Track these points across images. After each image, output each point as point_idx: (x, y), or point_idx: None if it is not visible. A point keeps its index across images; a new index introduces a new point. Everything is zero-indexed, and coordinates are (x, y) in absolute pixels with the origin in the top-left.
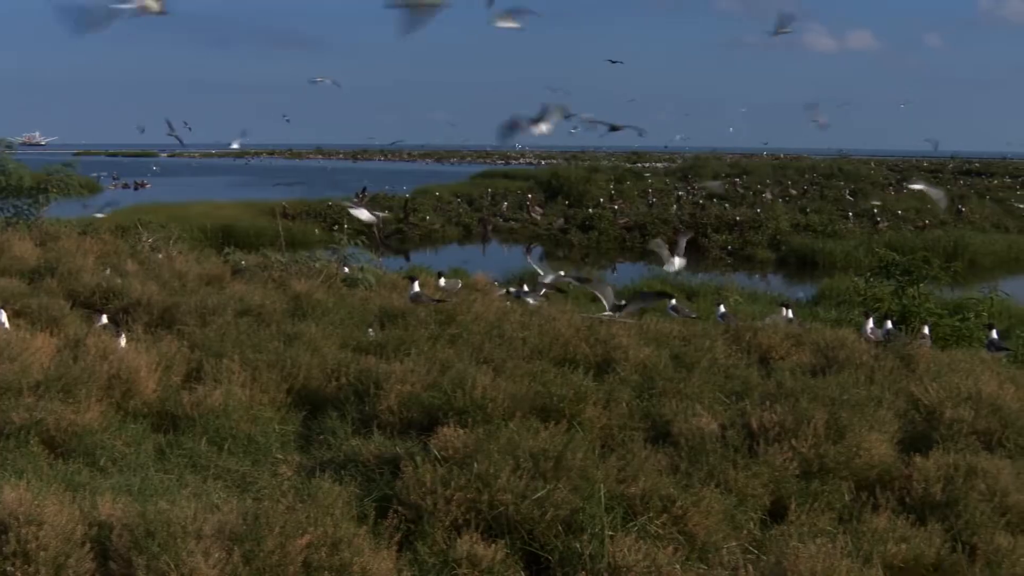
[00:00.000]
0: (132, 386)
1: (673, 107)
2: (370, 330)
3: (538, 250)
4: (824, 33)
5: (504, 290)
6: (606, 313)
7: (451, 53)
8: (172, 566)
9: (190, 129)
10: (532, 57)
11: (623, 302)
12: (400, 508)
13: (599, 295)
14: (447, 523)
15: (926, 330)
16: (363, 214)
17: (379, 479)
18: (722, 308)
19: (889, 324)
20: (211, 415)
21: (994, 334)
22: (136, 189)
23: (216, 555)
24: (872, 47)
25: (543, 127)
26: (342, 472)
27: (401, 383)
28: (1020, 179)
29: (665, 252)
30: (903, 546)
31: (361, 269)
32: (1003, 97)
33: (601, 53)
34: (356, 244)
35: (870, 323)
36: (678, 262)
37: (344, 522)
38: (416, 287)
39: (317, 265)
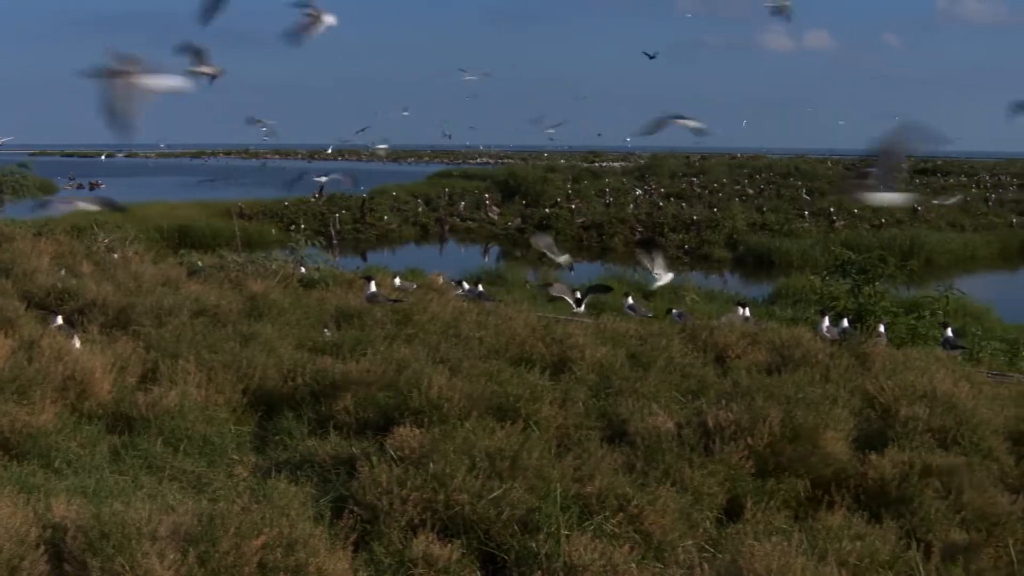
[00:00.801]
0: (87, 387)
1: (630, 106)
2: (326, 330)
3: (495, 250)
4: (782, 33)
5: (456, 284)
6: (577, 311)
7: (406, 52)
8: (127, 568)
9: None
10: (490, 55)
11: (578, 294)
12: (356, 508)
13: (564, 296)
14: (403, 523)
15: (882, 328)
16: (322, 179)
17: (335, 479)
18: (675, 310)
19: (845, 323)
20: (166, 416)
21: (949, 332)
22: (91, 189)
23: (171, 556)
24: (830, 47)
25: (328, 20)
26: (298, 472)
27: (357, 383)
28: (975, 178)
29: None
30: (858, 544)
31: (317, 269)
32: (958, 96)
33: (562, 53)
34: (313, 244)
35: (826, 321)
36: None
37: (300, 522)
38: (372, 287)
39: (273, 265)
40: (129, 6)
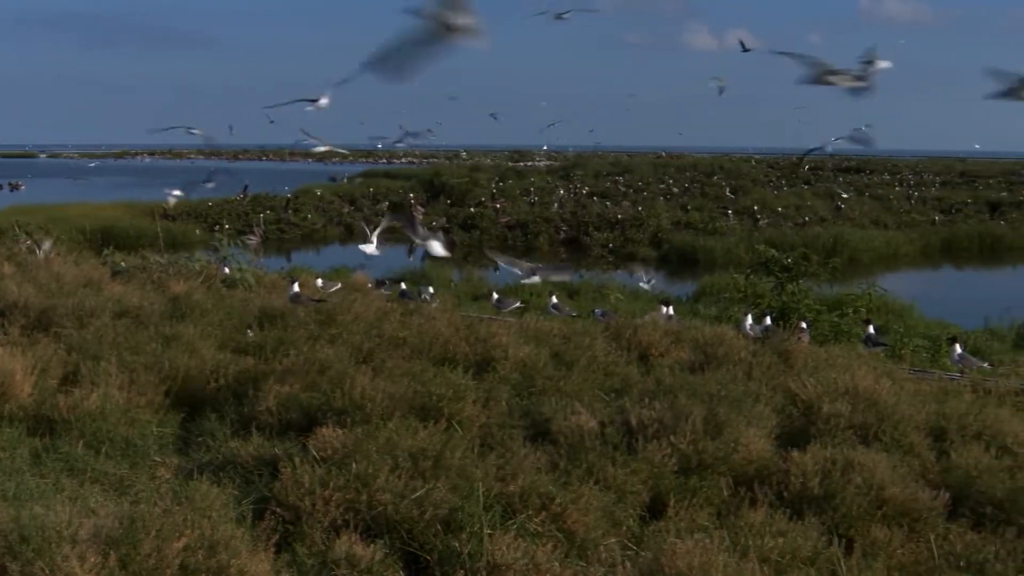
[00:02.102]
0: (7, 390)
1: (552, 105)
2: (249, 331)
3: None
4: (705, 32)
5: (378, 283)
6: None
7: (333, 53)
8: (47, 571)
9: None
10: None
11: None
12: (278, 509)
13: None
14: (326, 524)
15: (804, 325)
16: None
17: (258, 480)
18: (597, 309)
19: (768, 320)
20: (88, 418)
21: (871, 329)
22: (12, 190)
23: (92, 560)
24: (752, 46)
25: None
26: (220, 474)
27: (280, 384)
28: (898, 176)
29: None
30: (780, 540)
31: (240, 269)
32: (881, 95)
33: (478, 54)
34: (236, 244)
35: (748, 319)
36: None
37: (222, 524)
38: (295, 287)
39: (196, 266)
40: (68, 5)
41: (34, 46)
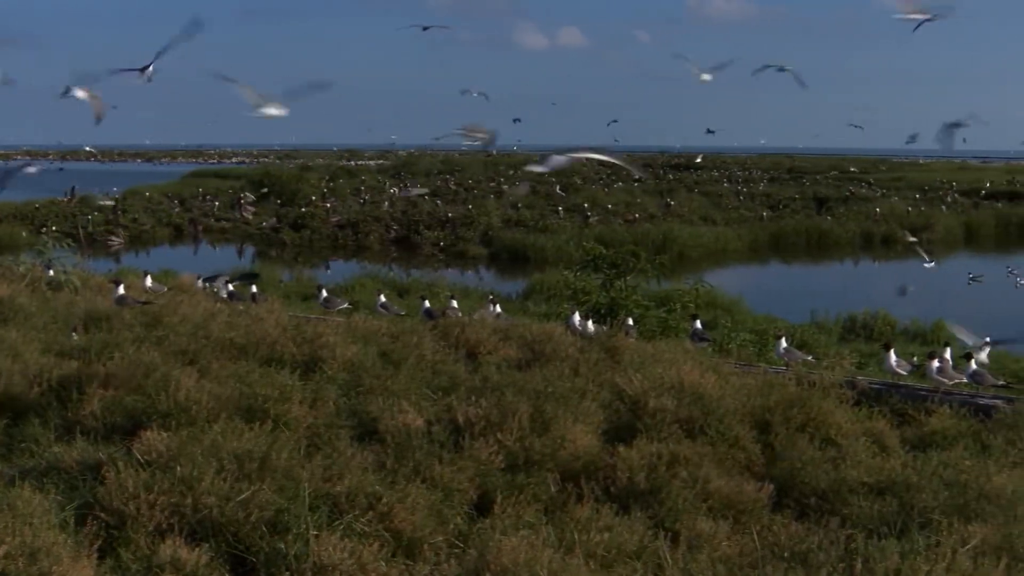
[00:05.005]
0: None
1: (386, 104)
2: (74, 334)
3: (250, 250)
4: (534, 30)
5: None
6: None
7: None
8: None
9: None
10: (246, 54)
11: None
12: (102, 514)
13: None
14: (150, 528)
15: (631, 321)
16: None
17: (82, 486)
18: (427, 303)
19: (591, 325)
20: None
21: (698, 324)
22: None
23: None
24: (582, 44)
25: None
26: (44, 480)
27: (104, 387)
28: (727, 173)
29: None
30: (606, 535)
31: (66, 272)
32: (710, 92)
33: (322, 50)
34: (62, 247)
35: (576, 316)
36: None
37: (44, 530)
38: (121, 290)
39: (21, 268)
40: None
41: None
